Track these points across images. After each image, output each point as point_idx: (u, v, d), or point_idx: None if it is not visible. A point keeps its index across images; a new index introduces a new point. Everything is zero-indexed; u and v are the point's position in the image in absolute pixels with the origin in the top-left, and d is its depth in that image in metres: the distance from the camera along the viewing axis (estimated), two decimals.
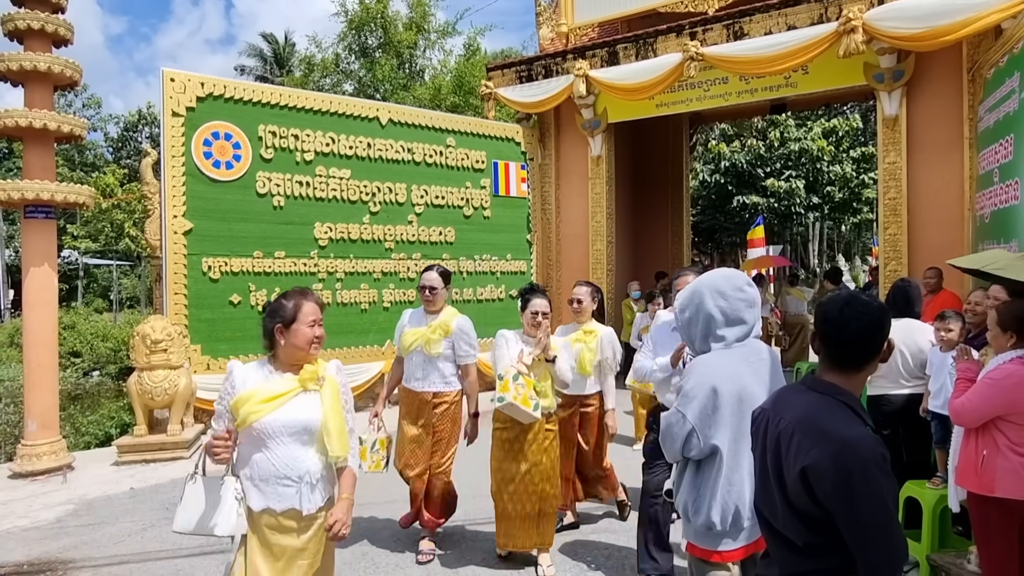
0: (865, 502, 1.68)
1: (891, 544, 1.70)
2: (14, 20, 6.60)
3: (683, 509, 2.51)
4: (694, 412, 2.41)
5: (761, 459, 1.97)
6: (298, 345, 2.72)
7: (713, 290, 2.55)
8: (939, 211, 8.17)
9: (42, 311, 6.72)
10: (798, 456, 1.77)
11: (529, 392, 4.06)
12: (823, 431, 1.75)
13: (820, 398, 1.85)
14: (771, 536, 1.95)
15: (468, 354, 4.51)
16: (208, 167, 8.12)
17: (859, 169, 22.93)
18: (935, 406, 4.54)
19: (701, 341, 2.57)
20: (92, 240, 25.92)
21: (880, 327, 1.85)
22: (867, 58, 8.42)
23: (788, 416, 1.87)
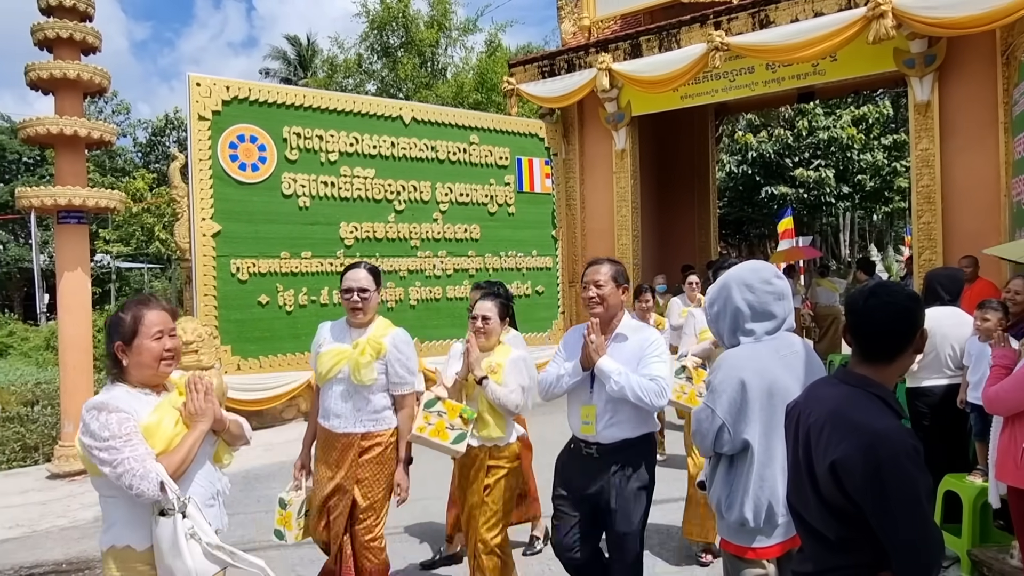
0: (896, 496, 1.64)
1: (925, 539, 1.66)
2: (44, 30, 6.72)
3: (716, 505, 2.48)
4: (723, 407, 2.38)
5: (793, 453, 1.94)
6: (144, 363, 2.25)
7: (740, 283, 2.51)
8: (974, 198, 7.97)
9: (76, 315, 6.84)
10: (828, 449, 1.74)
11: (449, 421, 3.37)
12: (853, 423, 1.72)
13: (851, 391, 1.82)
14: (804, 531, 1.92)
15: (404, 380, 3.43)
16: (234, 169, 8.20)
17: (890, 157, 22.50)
18: (974, 398, 4.43)
19: (730, 335, 2.54)
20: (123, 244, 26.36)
21: (907, 317, 1.80)
22: (897, 43, 8.23)
23: (819, 409, 1.84)
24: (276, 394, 8.30)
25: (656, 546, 4.54)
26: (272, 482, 6.15)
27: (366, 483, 3.37)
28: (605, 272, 3.11)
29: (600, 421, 3.03)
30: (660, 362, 3.02)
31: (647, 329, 3.17)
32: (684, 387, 3.91)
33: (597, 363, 3.00)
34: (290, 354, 8.48)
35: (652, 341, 3.07)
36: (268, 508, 5.45)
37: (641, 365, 3.01)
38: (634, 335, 3.11)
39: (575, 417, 3.16)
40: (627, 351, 3.07)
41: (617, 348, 3.09)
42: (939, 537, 1.70)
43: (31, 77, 6.71)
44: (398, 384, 3.42)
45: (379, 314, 3.57)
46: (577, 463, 3.15)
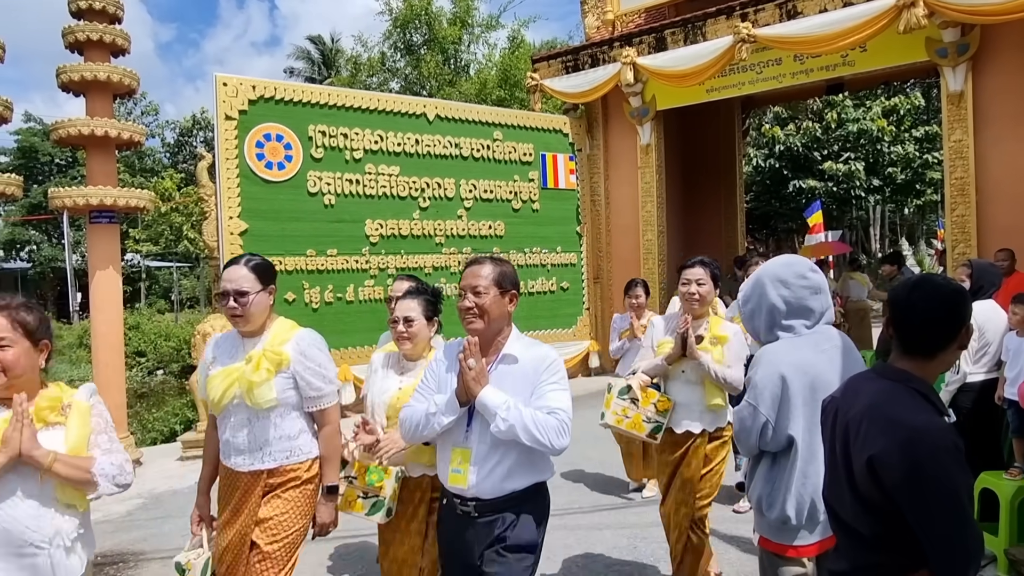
0: (935, 493, 1.59)
1: (964, 538, 1.61)
2: (74, 32, 6.83)
3: (756, 503, 2.43)
4: (766, 403, 2.33)
5: (830, 449, 1.90)
6: None
7: (774, 279, 2.46)
8: (1010, 190, 7.79)
9: (108, 313, 6.96)
10: (866, 444, 1.70)
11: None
12: (892, 419, 1.68)
13: (891, 385, 1.77)
14: (839, 528, 1.88)
15: (321, 392, 2.73)
16: (261, 168, 8.27)
17: (922, 149, 22.04)
18: (1011, 394, 4.33)
19: (766, 332, 2.49)
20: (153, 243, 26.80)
21: (952, 310, 1.75)
22: (929, 32, 8.05)
23: (857, 404, 1.80)
24: None
25: None
26: None
27: (270, 526, 2.64)
28: (486, 275, 2.44)
29: (477, 469, 2.33)
30: (559, 389, 2.37)
31: (540, 346, 2.48)
32: (627, 410, 3.53)
33: (477, 395, 2.30)
34: None
35: (550, 362, 2.40)
36: None
37: (536, 395, 2.34)
38: (526, 354, 2.42)
39: (444, 463, 2.44)
40: (517, 376, 2.39)
41: (504, 373, 2.41)
42: (979, 537, 1.65)
43: (62, 79, 6.82)
44: (314, 399, 2.72)
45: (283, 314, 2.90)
46: (452, 524, 2.46)
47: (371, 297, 8.98)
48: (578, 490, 5.59)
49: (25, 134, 29.47)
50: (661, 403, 3.56)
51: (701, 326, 3.60)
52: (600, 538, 4.59)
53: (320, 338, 2.81)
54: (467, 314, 2.46)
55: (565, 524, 4.85)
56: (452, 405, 2.37)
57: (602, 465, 6.17)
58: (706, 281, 3.56)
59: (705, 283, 3.55)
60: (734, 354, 3.52)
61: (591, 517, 5.00)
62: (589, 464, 6.23)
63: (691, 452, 3.55)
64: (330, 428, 2.80)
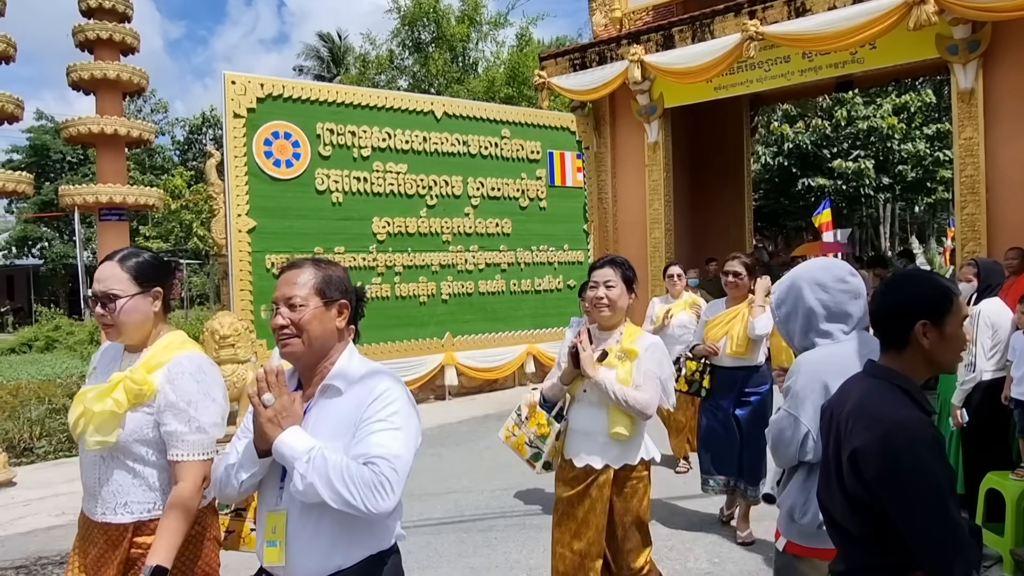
0: (915, 487, 1.59)
1: (947, 532, 1.59)
2: (84, 31, 6.88)
3: (788, 511, 2.37)
4: (808, 413, 2.24)
5: (825, 451, 1.91)
6: None
7: (813, 282, 2.37)
8: (1021, 188, 7.73)
9: None
10: (850, 440, 1.71)
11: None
12: (872, 414, 1.69)
13: (876, 383, 1.79)
14: (833, 529, 1.88)
15: (182, 439, 2.07)
16: (269, 166, 8.31)
17: (933, 147, 21.89)
18: (1018, 393, 4.31)
19: (801, 337, 2.40)
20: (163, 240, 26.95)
21: (909, 302, 1.77)
22: (939, 29, 8.00)
23: (847, 404, 1.81)
24: None
25: None
26: None
27: None
28: (304, 283, 1.88)
29: (293, 541, 1.79)
30: (388, 429, 1.76)
31: (375, 374, 1.90)
32: (515, 427, 3.15)
33: (274, 441, 1.75)
34: None
35: (380, 392, 1.82)
36: None
37: (356, 437, 1.77)
38: (355, 387, 1.86)
39: (260, 533, 1.91)
40: (338, 415, 1.83)
41: (324, 411, 1.86)
42: (963, 530, 1.62)
43: (73, 78, 6.88)
44: (173, 445, 2.07)
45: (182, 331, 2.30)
46: None
47: (378, 295, 9.01)
48: None
49: (37, 132, 29.69)
50: (541, 428, 3.03)
51: (611, 338, 3.05)
52: None
53: (207, 365, 2.17)
54: (280, 334, 1.86)
55: None
56: (249, 455, 1.82)
57: None
58: (616, 283, 3.00)
59: (615, 286, 3.00)
60: (646, 372, 2.95)
61: None
62: None
63: (592, 492, 2.94)
64: (186, 488, 2.03)
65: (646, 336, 3.09)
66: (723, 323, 4.63)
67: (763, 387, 4.61)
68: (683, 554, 4.28)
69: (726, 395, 4.63)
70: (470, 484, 5.80)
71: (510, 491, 5.57)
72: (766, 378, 4.61)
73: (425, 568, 4.22)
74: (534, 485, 5.67)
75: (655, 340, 3.07)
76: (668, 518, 4.89)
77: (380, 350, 8.99)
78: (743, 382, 4.59)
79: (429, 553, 4.44)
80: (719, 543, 4.44)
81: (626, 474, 2.98)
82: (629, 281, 3.05)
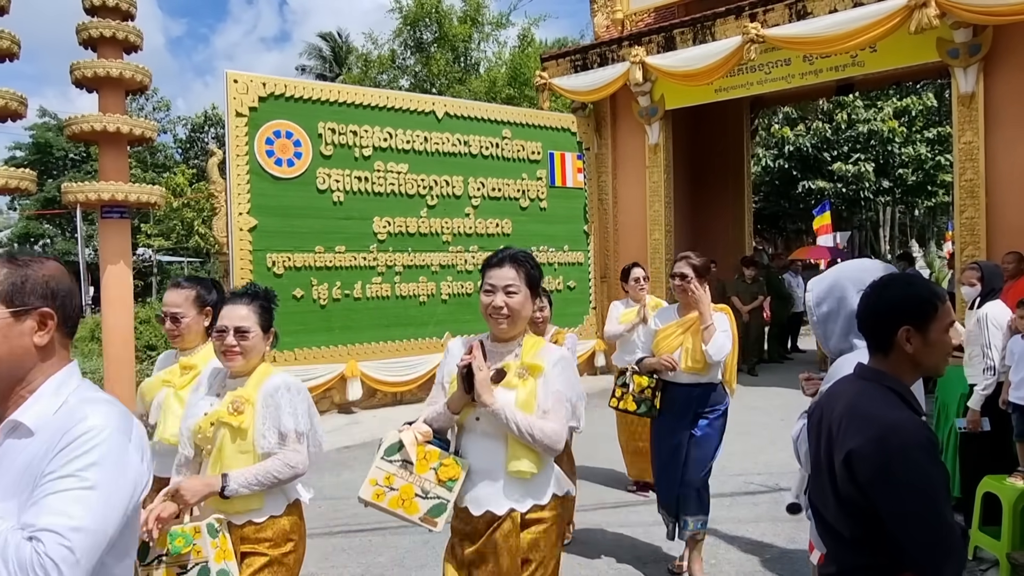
0: (908, 489, 1.61)
1: (939, 533, 1.61)
2: (88, 29, 6.91)
3: None
4: None
5: (815, 452, 1.92)
6: None
7: (857, 282, 2.29)
8: (1020, 192, 7.75)
9: (119, 307, 7.04)
10: (844, 442, 1.72)
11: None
12: (866, 416, 1.72)
13: (866, 384, 1.82)
14: (824, 531, 1.90)
15: None
16: (271, 165, 8.33)
17: (934, 150, 21.90)
18: (1016, 397, 4.33)
19: (840, 338, 2.37)
20: (164, 238, 26.95)
21: (891, 308, 1.79)
22: (940, 33, 8.02)
23: (838, 405, 1.83)
24: (310, 386, 8.42)
25: None
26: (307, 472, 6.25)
27: None
28: None
29: None
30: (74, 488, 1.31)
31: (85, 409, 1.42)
32: (392, 478, 2.35)
33: None
34: (324, 347, 8.60)
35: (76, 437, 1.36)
36: None
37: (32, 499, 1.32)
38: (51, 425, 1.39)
39: None
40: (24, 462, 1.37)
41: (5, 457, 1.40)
42: (956, 534, 1.64)
43: (76, 76, 6.90)
44: None
45: None
46: None
47: (379, 294, 9.04)
48: (580, 488, 5.61)
49: (40, 129, 29.71)
50: (445, 469, 2.36)
51: (509, 353, 2.47)
52: (601, 537, 4.62)
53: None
54: None
55: None
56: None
57: (608, 463, 6.19)
58: (519, 288, 2.40)
59: (517, 291, 2.39)
60: (555, 394, 2.38)
61: (592, 515, 5.03)
62: (594, 462, 6.26)
63: (497, 543, 2.34)
64: None
65: (551, 349, 2.51)
66: (675, 334, 4.03)
67: (720, 406, 4.05)
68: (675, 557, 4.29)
69: (681, 417, 3.99)
70: None
71: None
72: (724, 396, 4.08)
73: (423, 567, 4.24)
74: None
75: (563, 354, 2.49)
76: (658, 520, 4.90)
77: (379, 350, 9.02)
78: (699, 401, 3.99)
79: (427, 551, 4.46)
80: (716, 544, 4.46)
81: (535, 516, 2.38)
82: (534, 283, 2.45)
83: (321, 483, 5.94)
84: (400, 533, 4.76)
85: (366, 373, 8.82)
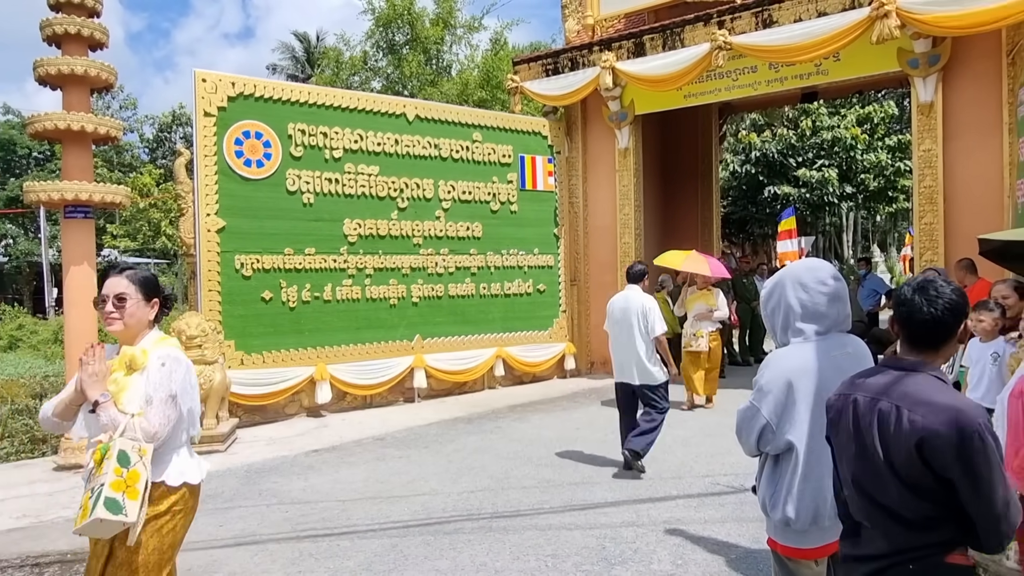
0: (985, 465, 1.75)
1: (1008, 506, 1.78)
2: (52, 25, 6.78)
3: (762, 504, 2.49)
4: (769, 407, 2.38)
5: (855, 441, 1.98)
6: None
7: (795, 281, 2.47)
8: (977, 199, 7.99)
9: (82, 308, 6.90)
10: (912, 430, 1.82)
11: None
12: (932, 402, 1.83)
13: (913, 374, 1.94)
14: (878, 514, 1.95)
15: None
16: (240, 166, 8.26)
17: (894, 157, 22.45)
18: (974, 398, 4.46)
19: (781, 333, 2.51)
20: (131, 239, 26.52)
21: (951, 310, 1.93)
22: (901, 43, 8.25)
23: (883, 395, 1.93)
24: (279, 389, 8.36)
25: None
26: (274, 475, 6.22)
27: None
28: None
29: None
30: None
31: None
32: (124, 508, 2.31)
33: None
34: (293, 349, 8.54)
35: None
36: (269, 502, 5.52)
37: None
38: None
39: None
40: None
41: None
42: (1018, 503, 1.81)
43: (39, 73, 6.77)
44: None
45: None
46: None
47: (349, 297, 9.00)
48: (549, 490, 5.66)
49: (4, 127, 29.02)
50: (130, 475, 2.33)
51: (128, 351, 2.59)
52: (569, 538, 4.66)
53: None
54: None
55: (536, 524, 4.91)
56: None
57: (575, 467, 6.24)
58: (129, 296, 2.58)
59: (128, 299, 2.57)
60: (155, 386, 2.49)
61: (561, 517, 5.07)
62: (562, 465, 6.30)
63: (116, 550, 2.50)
64: None
65: (165, 347, 2.61)
66: None
67: None
68: (647, 556, 4.35)
69: None
70: (437, 486, 5.83)
71: (477, 493, 5.60)
72: None
73: (391, 571, 4.24)
74: (502, 488, 5.73)
75: (172, 353, 2.58)
76: (632, 520, 4.96)
77: (350, 352, 8.98)
78: None
79: (395, 556, 4.46)
80: (683, 545, 4.52)
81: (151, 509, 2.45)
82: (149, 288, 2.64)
83: (289, 487, 5.91)
84: (368, 537, 4.75)
85: (335, 376, 8.77)
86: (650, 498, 5.39)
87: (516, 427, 7.87)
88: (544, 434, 7.48)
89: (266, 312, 8.40)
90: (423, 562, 4.36)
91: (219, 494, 5.74)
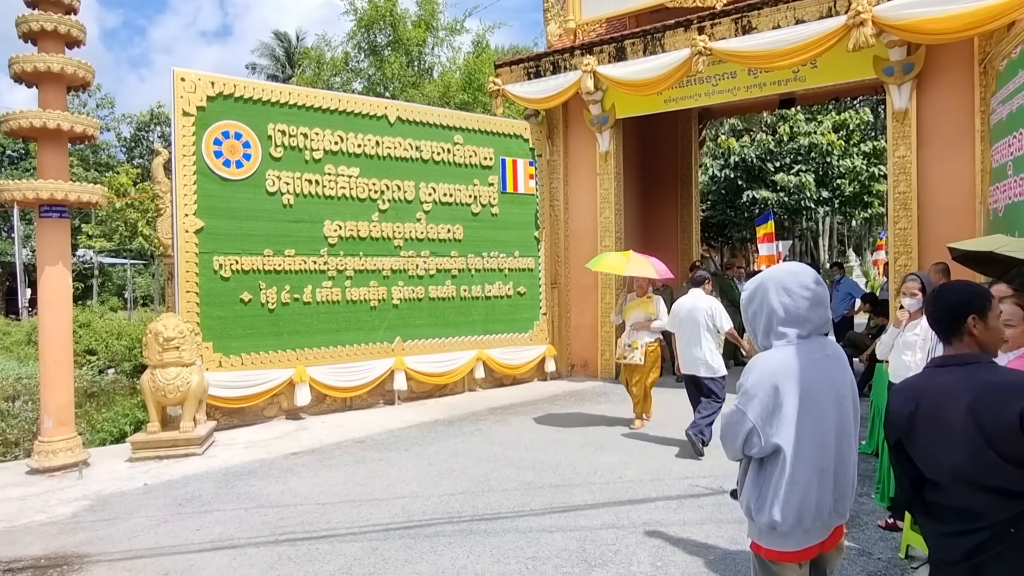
0: None
1: None
2: (28, 22, 6.68)
3: (746, 508, 2.48)
4: (755, 410, 2.37)
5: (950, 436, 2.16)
6: None
7: (778, 285, 2.47)
8: (950, 205, 8.13)
9: (57, 309, 6.80)
10: (1008, 407, 2.04)
11: None
12: (1013, 382, 2.10)
13: (976, 366, 2.21)
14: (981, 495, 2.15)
15: None
16: (219, 166, 8.19)
17: (870, 163, 22.79)
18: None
19: (763, 336, 2.51)
20: (107, 239, 26.16)
21: (966, 301, 2.27)
22: (877, 51, 8.38)
23: (959, 390, 2.16)
24: (258, 391, 8.30)
25: None
26: (252, 479, 6.16)
27: None
28: None
29: None
30: None
31: None
32: None
33: None
34: (272, 351, 8.48)
35: None
36: (248, 505, 5.48)
37: None
38: None
39: None
40: None
41: None
42: None
43: (15, 70, 6.66)
44: None
45: None
46: None
47: (329, 299, 8.95)
48: (529, 493, 5.68)
49: None
50: None
51: None
52: (550, 540, 4.67)
53: None
54: None
55: (516, 527, 4.92)
56: None
57: (555, 470, 6.26)
58: None
59: None
60: None
61: (541, 520, 5.08)
62: (542, 468, 6.32)
63: None
64: None
65: None
66: None
67: None
68: (627, 558, 4.37)
69: None
70: (418, 489, 5.82)
71: (457, 496, 5.60)
72: None
73: (371, 575, 4.23)
74: (482, 491, 5.73)
75: None
76: (612, 522, 4.99)
77: (330, 354, 8.93)
78: None
79: (375, 559, 4.45)
80: (662, 547, 4.56)
81: None
82: None
83: (268, 490, 5.86)
84: (348, 541, 4.74)
85: (315, 378, 8.72)
86: (630, 500, 5.43)
87: (496, 430, 7.88)
88: (524, 437, 7.49)
89: (245, 314, 8.34)
90: (403, 566, 4.36)
91: (197, 498, 5.68)
